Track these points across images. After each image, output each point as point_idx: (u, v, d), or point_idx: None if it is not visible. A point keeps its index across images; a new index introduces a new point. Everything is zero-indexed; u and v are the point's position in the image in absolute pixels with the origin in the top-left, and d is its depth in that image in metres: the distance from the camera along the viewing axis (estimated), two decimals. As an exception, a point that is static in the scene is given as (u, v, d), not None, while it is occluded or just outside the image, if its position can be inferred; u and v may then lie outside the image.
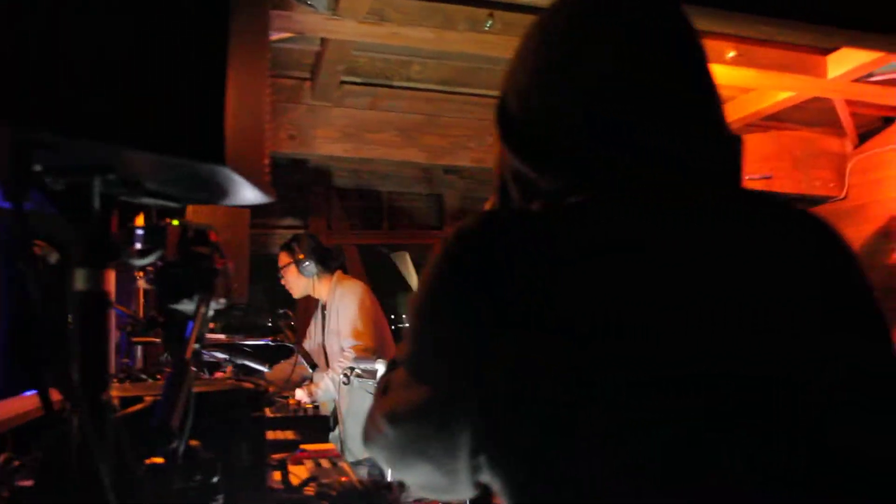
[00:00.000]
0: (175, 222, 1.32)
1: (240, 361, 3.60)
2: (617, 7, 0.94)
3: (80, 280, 1.04)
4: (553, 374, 0.76)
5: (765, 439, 0.74)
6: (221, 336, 3.98)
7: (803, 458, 0.74)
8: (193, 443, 1.35)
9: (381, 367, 3.11)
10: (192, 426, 1.28)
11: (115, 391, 1.68)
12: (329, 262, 4.10)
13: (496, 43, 3.52)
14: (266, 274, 6.74)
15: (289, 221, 5.71)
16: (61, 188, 0.96)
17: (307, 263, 4.01)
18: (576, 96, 0.91)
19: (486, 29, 3.37)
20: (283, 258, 4.12)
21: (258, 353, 3.64)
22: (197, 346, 1.37)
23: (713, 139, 0.92)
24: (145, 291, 3.82)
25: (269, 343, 3.52)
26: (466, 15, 3.31)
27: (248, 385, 1.76)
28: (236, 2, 0.98)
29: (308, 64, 4.13)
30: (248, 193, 1.15)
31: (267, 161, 1.16)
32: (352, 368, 3.40)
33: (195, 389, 1.35)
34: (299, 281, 4.09)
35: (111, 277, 1.07)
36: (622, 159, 0.88)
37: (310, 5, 3.16)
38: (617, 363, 0.74)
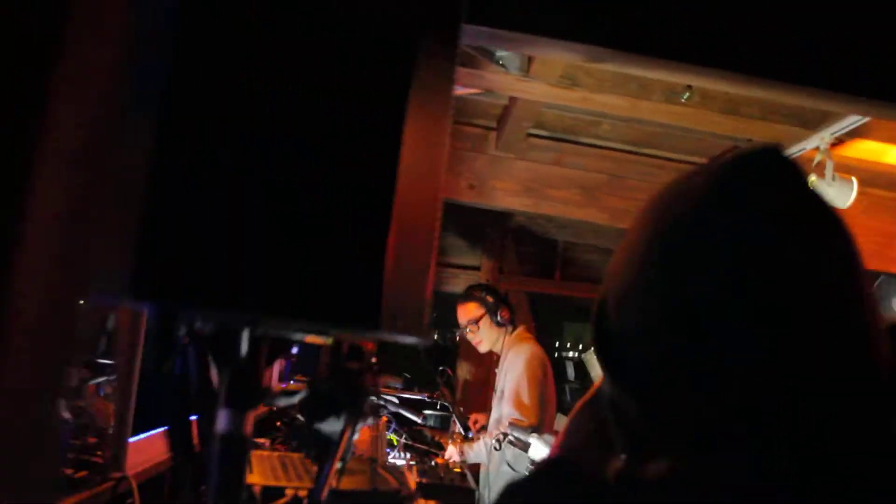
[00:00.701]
0: (329, 341, 1.28)
1: (394, 410, 3.60)
2: (742, 212, 0.72)
3: (222, 422, 1.01)
4: None
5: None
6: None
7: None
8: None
9: (534, 441, 2.99)
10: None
11: (258, 476, 1.68)
12: (514, 314, 3.87)
13: (691, 115, 3.34)
14: (437, 309, 6.80)
15: (461, 261, 5.70)
16: (209, 332, 0.93)
17: (503, 314, 3.76)
18: (680, 325, 0.71)
19: (683, 101, 3.20)
20: (473, 310, 3.80)
21: (414, 404, 3.62)
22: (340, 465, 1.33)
23: (861, 389, 0.70)
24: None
25: (426, 399, 3.49)
26: (663, 85, 3.15)
27: (389, 483, 1.70)
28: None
29: (494, 114, 4.09)
30: (402, 339, 1.08)
31: (427, 310, 1.09)
32: (504, 434, 3.31)
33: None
34: (493, 332, 3.79)
35: (251, 419, 1.03)
36: (729, 422, 0.68)
37: (502, 65, 3.11)
38: None
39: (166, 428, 1.27)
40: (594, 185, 4.30)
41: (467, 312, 3.81)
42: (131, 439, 1.99)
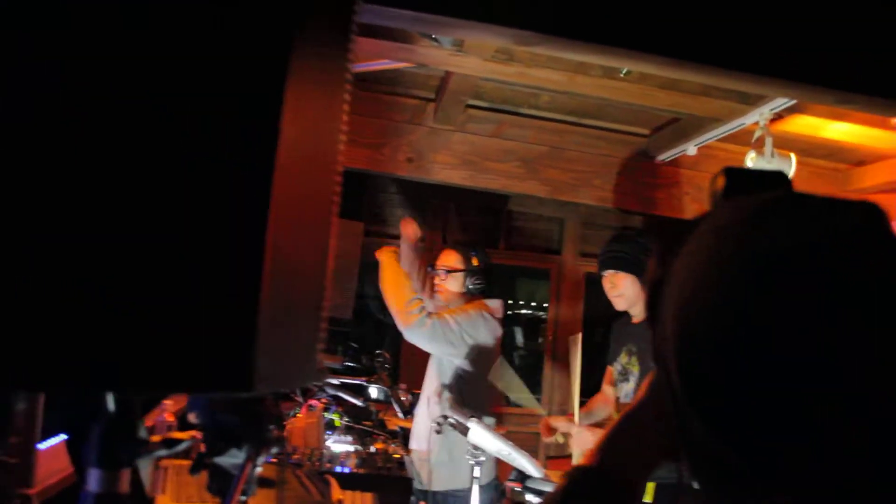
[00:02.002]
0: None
1: (333, 392, 3.53)
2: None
3: (93, 482, 0.91)
4: None
5: None
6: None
7: None
8: None
9: (473, 426, 2.94)
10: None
11: (170, 497, 1.60)
12: (489, 289, 3.70)
13: (631, 90, 3.28)
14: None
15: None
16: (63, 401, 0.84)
17: (477, 281, 3.63)
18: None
19: (622, 76, 3.12)
20: (454, 261, 3.66)
21: (354, 387, 3.55)
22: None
23: None
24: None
25: (363, 383, 3.42)
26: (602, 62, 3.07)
27: (311, 496, 1.62)
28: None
29: (433, 86, 3.97)
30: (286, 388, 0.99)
31: (319, 348, 0.99)
32: (445, 417, 3.25)
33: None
34: (455, 290, 3.66)
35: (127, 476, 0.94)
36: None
37: (434, 40, 3.00)
38: None
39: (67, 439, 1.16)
40: (534, 157, 4.21)
41: (448, 259, 3.70)
42: (41, 446, 1.88)
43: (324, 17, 0.89)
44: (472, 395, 3.49)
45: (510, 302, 6.91)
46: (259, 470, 1.24)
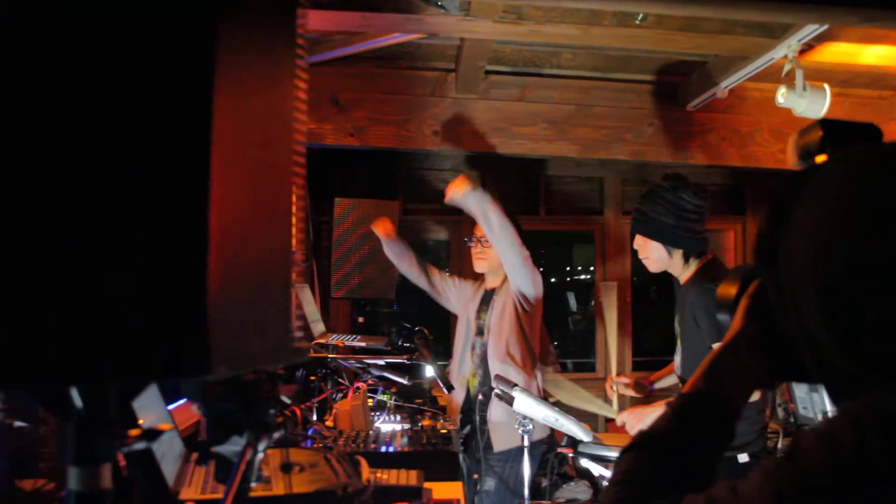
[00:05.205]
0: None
1: (378, 373, 3.52)
2: None
3: (72, 480, 0.90)
4: None
5: None
6: (361, 343, 3.90)
7: None
8: None
9: (517, 395, 2.89)
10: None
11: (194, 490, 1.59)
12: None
13: (649, 37, 3.17)
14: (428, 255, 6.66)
15: (441, 206, 5.56)
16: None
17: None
18: None
19: (637, 22, 3.01)
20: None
21: (398, 366, 3.53)
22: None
23: None
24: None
25: (405, 361, 3.39)
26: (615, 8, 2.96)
27: (338, 477, 1.60)
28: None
29: (451, 55, 3.90)
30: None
31: (292, 322, 0.96)
32: (491, 389, 3.22)
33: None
34: (498, 259, 3.58)
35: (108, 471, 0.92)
36: None
37: (441, 7, 2.93)
38: None
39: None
40: (562, 117, 4.12)
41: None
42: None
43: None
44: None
45: (567, 269, 6.83)
46: (261, 456, 1.22)
